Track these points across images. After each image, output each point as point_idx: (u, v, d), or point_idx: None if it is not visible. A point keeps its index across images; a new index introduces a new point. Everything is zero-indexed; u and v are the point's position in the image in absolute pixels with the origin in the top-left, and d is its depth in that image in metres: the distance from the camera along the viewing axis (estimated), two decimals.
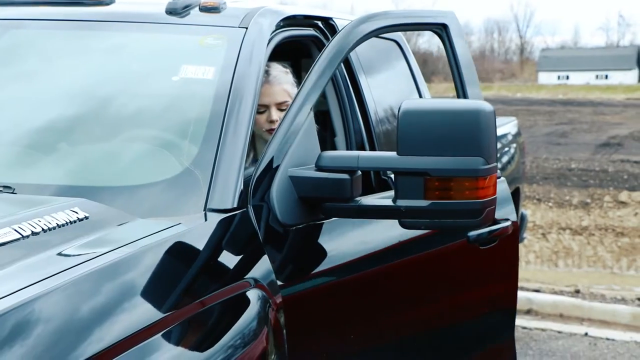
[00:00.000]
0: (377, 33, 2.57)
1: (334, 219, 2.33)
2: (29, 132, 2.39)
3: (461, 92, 2.80)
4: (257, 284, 2.02)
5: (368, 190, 2.59)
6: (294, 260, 2.26)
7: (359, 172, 2.21)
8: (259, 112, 2.94)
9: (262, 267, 2.08)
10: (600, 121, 26.84)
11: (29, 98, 2.53)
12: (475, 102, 2.16)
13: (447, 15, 2.80)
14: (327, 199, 2.19)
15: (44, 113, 2.45)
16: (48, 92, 2.54)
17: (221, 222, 2.05)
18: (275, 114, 2.94)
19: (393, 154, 2.11)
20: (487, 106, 2.10)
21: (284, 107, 2.94)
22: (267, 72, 2.94)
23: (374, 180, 2.85)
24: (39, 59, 2.64)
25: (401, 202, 2.09)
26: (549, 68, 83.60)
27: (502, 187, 2.95)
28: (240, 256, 2.08)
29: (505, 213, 3.03)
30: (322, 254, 2.36)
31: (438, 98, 2.20)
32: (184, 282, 1.82)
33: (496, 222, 2.90)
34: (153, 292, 1.72)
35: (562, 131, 23.23)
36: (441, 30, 2.77)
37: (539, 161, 16.60)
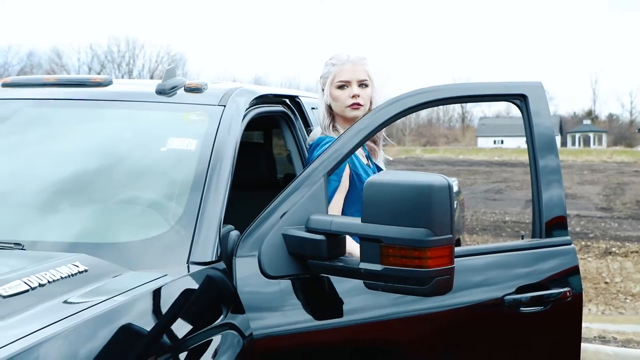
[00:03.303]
0: (443, 103, 2.52)
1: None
2: (37, 195, 2.41)
3: (533, 164, 2.60)
4: (231, 328, 2.04)
5: None
6: (276, 309, 2.20)
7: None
8: (339, 88, 2.95)
9: (237, 313, 2.11)
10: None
11: (37, 166, 2.56)
12: (430, 176, 1.98)
13: (529, 86, 2.65)
14: (310, 257, 2.17)
15: (50, 179, 2.47)
16: (54, 161, 2.57)
17: (201, 274, 2.09)
18: (357, 89, 2.94)
19: (358, 220, 2.05)
20: (441, 181, 1.96)
21: (364, 84, 2.95)
22: (347, 55, 2.96)
23: None
24: (46, 132, 2.68)
25: (363, 265, 2.04)
26: (487, 134, 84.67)
27: (568, 255, 2.58)
28: (218, 303, 2.11)
29: (568, 282, 2.56)
30: (314, 308, 2.26)
31: (403, 171, 2.08)
32: (169, 327, 1.84)
33: (545, 286, 2.52)
34: (143, 335, 1.75)
35: (497, 188, 23.46)
36: (520, 101, 2.64)
37: (478, 214, 16.74)
